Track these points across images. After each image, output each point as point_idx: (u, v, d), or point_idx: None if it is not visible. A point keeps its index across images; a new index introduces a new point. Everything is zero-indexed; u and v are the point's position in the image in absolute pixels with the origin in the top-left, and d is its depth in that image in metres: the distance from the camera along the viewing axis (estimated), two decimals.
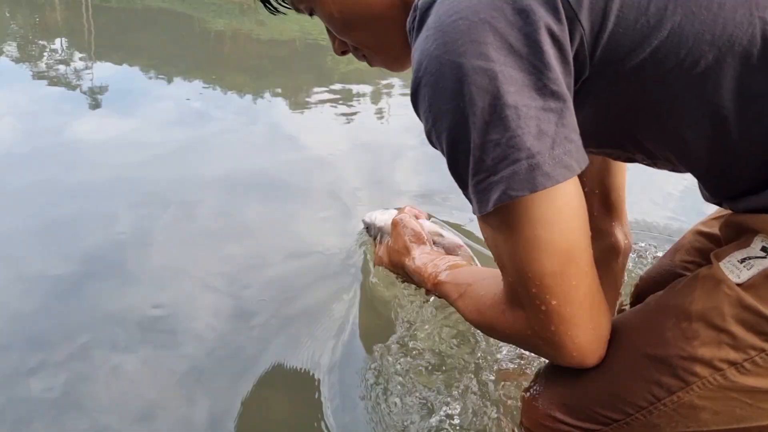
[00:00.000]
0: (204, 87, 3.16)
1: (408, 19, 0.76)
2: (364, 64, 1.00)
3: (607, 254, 1.14)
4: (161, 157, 2.26)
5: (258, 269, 1.62)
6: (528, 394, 0.88)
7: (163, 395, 1.25)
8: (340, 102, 3.03)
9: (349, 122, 2.83)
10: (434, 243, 1.23)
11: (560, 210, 0.69)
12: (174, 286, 1.57)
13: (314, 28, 4.46)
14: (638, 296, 1.18)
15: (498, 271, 0.81)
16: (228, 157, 2.31)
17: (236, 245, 1.74)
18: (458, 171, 0.71)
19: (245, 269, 1.62)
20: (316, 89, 3.17)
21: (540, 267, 0.70)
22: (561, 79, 0.67)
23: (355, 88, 3.22)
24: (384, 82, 3.33)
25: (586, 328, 0.73)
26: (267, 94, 3.14)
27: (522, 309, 0.74)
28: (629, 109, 0.73)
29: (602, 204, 1.12)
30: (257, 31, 4.40)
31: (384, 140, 2.57)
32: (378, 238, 1.37)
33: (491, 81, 0.65)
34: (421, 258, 1.13)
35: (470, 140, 0.67)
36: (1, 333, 1.39)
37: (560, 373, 0.80)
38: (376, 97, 3.13)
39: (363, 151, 2.42)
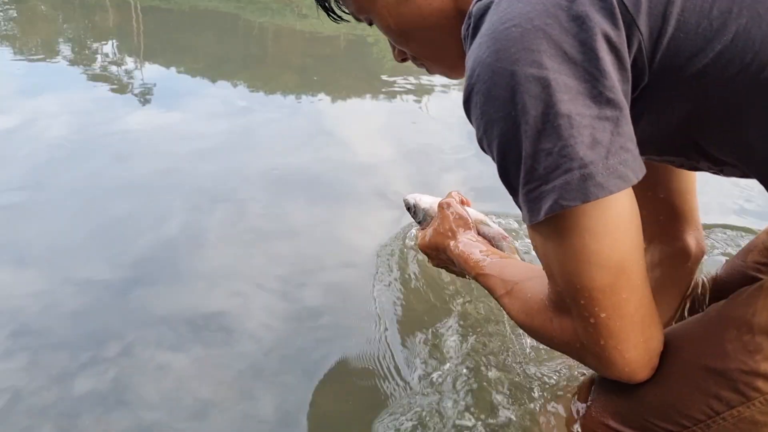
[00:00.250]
0: (248, 84, 3.19)
1: (462, 27, 0.75)
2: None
3: (674, 259, 1.11)
4: (208, 153, 2.29)
5: (309, 270, 1.64)
6: (580, 400, 0.86)
7: (218, 393, 1.26)
8: (385, 97, 3.02)
9: (393, 118, 2.82)
10: (478, 231, 1.19)
11: (612, 221, 0.67)
12: (225, 286, 1.59)
13: (358, 23, 4.46)
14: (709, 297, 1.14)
15: (539, 273, 0.79)
16: (274, 152, 2.33)
17: (286, 245, 1.75)
18: (509, 179, 0.70)
19: (297, 270, 1.63)
20: (360, 85, 3.17)
21: (589, 279, 0.68)
22: (617, 86, 0.65)
23: (400, 83, 3.20)
24: (428, 78, 3.30)
25: (636, 343, 0.71)
26: (311, 90, 3.15)
27: (570, 319, 0.73)
28: (691, 115, 0.71)
29: (669, 208, 1.09)
30: (300, 27, 4.42)
31: (428, 136, 2.56)
32: (421, 220, 1.34)
33: (544, 89, 0.64)
34: (466, 244, 1.11)
35: (522, 149, 0.66)
36: (52, 331, 1.42)
37: (614, 380, 0.77)
38: (420, 93, 3.10)
39: (407, 147, 2.41)
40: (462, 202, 1.26)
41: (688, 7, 0.65)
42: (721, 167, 0.78)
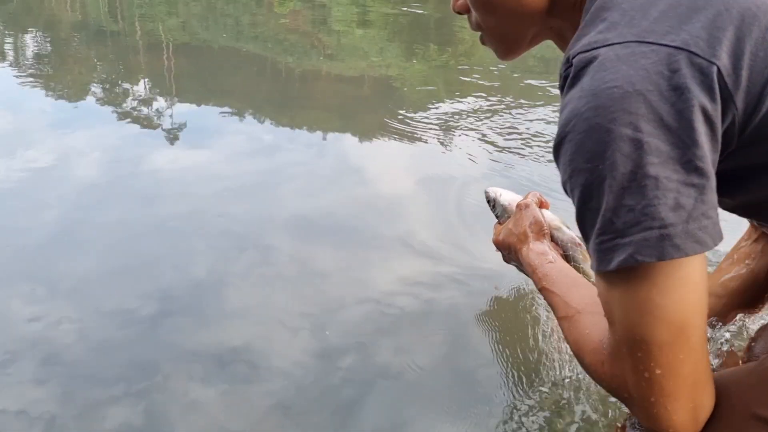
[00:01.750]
0: (276, 123, 3.27)
1: (561, 68, 0.79)
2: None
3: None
4: (235, 194, 2.34)
5: (335, 312, 1.66)
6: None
7: (247, 429, 1.27)
8: (409, 137, 3.07)
9: (418, 158, 2.85)
10: (552, 237, 1.22)
11: (681, 282, 0.70)
12: (251, 324, 1.62)
13: (382, 62, 4.55)
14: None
15: (597, 311, 0.80)
16: (300, 194, 2.37)
17: (311, 289, 1.77)
18: (584, 225, 0.75)
19: (323, 312, 1.66)
20: (384, 124, 3.22)
21: (650, 332, 0.71)
22: (708, 156, 0.69)
23: (423, 121, 3.25)
24: (453, 116, 3.34)
25: (685, 405, 0.72)
26: (337, 130, 3.21)
27: (623, 368, 0.74)
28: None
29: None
30: (326, 67, 4.51)
31: (453, 174, 2.58)
32: (500, 215, 1.38)
33: (636, 150, 0.68)
34: (537, 253, 1.15)
35: (602, 201, 0.70)
36: (84, 362, 1.46)
37: None
38: (445, 132, 3.14)
39: (433, 188, 2.44)
40: (540, 205, 1.29)
41: None
42: None
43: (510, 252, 1.24)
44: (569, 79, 0.75)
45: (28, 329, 1.56)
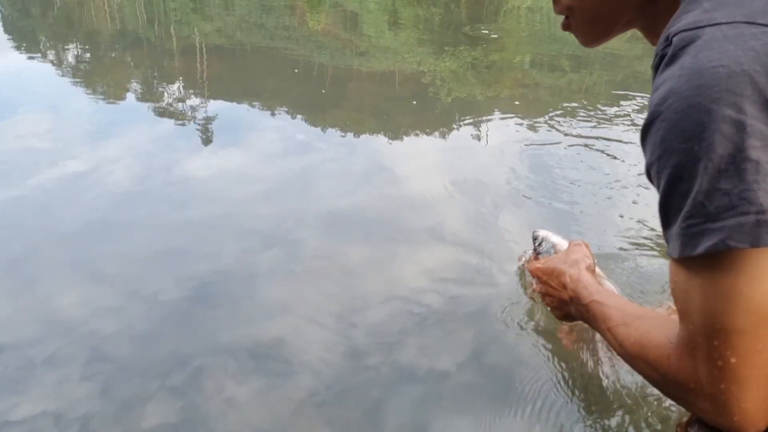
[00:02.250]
0: (307, 121, 3.29)
1: (658, 47, 0.77)
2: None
3: None
4: (266, 193, 2.37)
5: (365, 310, 1.66)
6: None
7: (280, 425, 1.28)
8: (441, 134, 3.06)
9: (449, 154, 2.85)
10: None
11: None
12: (283, 318, 1.64)
13: (413, 58, 4.54)
14: None
15: (663, 316, 0.80)
16: (330, 191, 2.38)
17: (339, 285, 1.78)
18: (667, 209, 0.72)
19: (352, 309, 1.67)
20: (416, 121, 3.22)
21: (732, 321, 0.69)
22: None
23: (456, 118, 3.24)
24: (485, 112, 3.32)
25: (756, 395, 0.71)
26: (368, 127, 3.22)
27: (693, 360, 0.74)
28: None
29: None
30: (357, 64, 4.52)
31: (486, 173, 2.57)
32: (544, 252, 1.48)
33: (738, 132, 0.65)
34: (589, 277, 1.16)
35: (694, 183, 0.68)
36: (123, 356, 1.51)
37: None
38: (477, 129, 3.12)
39: (464, 185, 2.43)
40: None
41: None
42: None
43: (552, 275, 1.24)
44: (667, 57, 0.73)
45: (70, 324, 1.61)
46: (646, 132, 0.74)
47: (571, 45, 4.61)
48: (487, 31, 5.35)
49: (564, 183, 2.43)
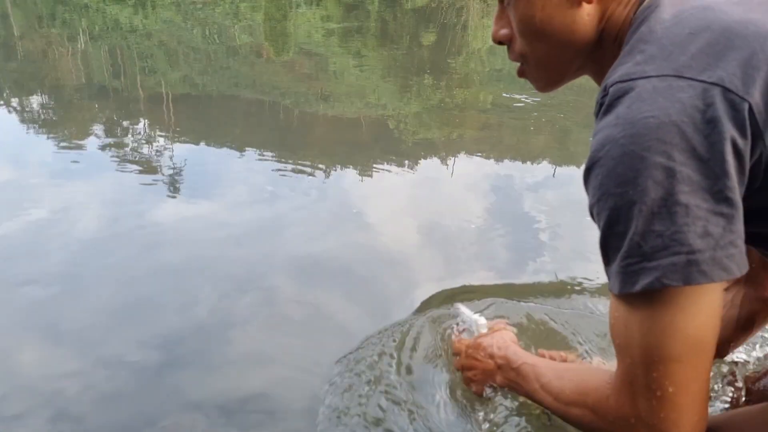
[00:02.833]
0: (275, 167, 3.31)
1: (598, 95, 0.83)
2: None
3: (754, 304, 1.18)
4: (238, 240, 2.36)
5: (341, 354, 1.65)
6: None
7: None
8: (409, 176, 3.11)
9: (417, 194, 2.88)
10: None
11: (704, 306, 0.74)
12: (256, 370, 1.63)
13: (377, 102, 4.62)
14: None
15: (593, 366, 0.84)
16: (300, 237, 2.39)
17: (317, 332, 1.78)
18: (607, 248, 0.78)
19: (328, 355, 1.66)
20: (382, 164, 3.26)
21: (669, 352, 0.74)
22: (737, 188, 0.73)
23: (422, 160, 3.30)
24: (451, 153, 3.38)
25: (692, 420, 0.76)
26: (336, 172, 3.25)
27: (633, 393, 0.78)
28: None
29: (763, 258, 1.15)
30: (323, 109, 4.58)
31: (453, 214, 2.60)
32: (466, 329, 1.49)
33: (668, 178, 0.71)
34: (517, 349, 1.21)
35: (630, 225, 0.73)
36: (83, 418, 1.46)
37: None
38: (443, 169, 3.18)
39: (433, 228, 2.46)
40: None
41: None
42: None
43: (479, 349, 1.29)
44: (605, 106, 0.79)
45: (32, 382, 1.58)
46: (587, 176, 0.79)
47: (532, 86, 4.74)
48: (449, 73, 5.48)
49: (532, 220, 2.48)
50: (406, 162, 3.31)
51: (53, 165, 3.29)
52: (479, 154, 3.37)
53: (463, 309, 1.56)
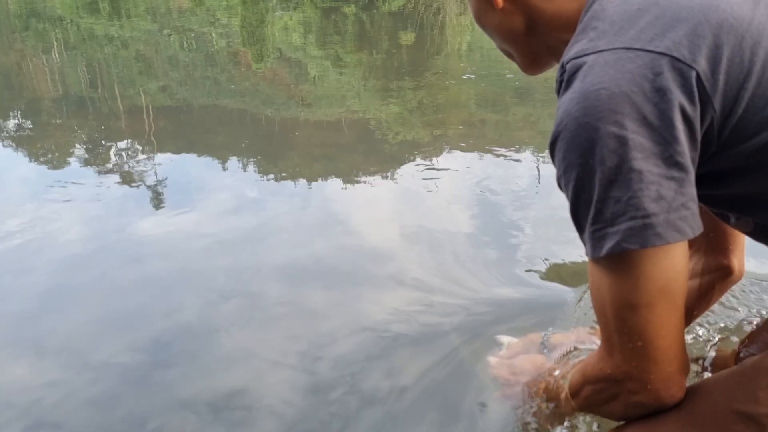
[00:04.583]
0: (258, 175, 3.31)
1: (557, 74, 0.87)
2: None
3: (714, 273, 1.22)
4: (220, 247, 2.36)
5: (326, 348, 1.66)
6: None
7: None
8: (391, 178, 3.11)
9: (400, 197, 2.89)
10: None
11: (665, 269, 0.78)
12: (242, 367, 1.65)
13: (359, 106, 4.63)
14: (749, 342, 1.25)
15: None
16: (285, 243, 2.39)
17: (302, 329, 1.79)
18: (578, 217, 0.82)
19: (313, 349, 1.67)
20: (366, 167, 3.27)
21: (638, 300, 0.79)
22: (687, 153, 0.76)
23: (405, 161, 3.30)
24: (434, 153, 3.40)
25: (667, 369, 0.80)
26: (319, 176, 3.26)
27: (610, 352, 0.83)
28: (746, 181, 0.83)
29: (722, 226, 1.18)
30: (304, 115, 4.58)
31: (439, 214, 2.62)
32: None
33: (621, 146, 0.75)
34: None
35: (593, 193, 0.77)
36: (71, 424, 1.45)
37: (646, 419, 0.87)
38: (426, 170, 3.19)
39: (418, 228, 2.47)
40: None
41: (758, 94, 0.76)
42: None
43: (519, 372, 1.30)
44: (563, 83, 0.83)
45: (18, 393, 1.57)
46: (552, 150, 0.83)
47: (513, 81, 4.78)
48: (429, 73, 5.50)
49: (516, 220, 2.50)
50: (389, 163, 3.32)
51: (33, 180, 3.26)
52: (463, 150, 3.38)
53: (505, 338, 1.53)
